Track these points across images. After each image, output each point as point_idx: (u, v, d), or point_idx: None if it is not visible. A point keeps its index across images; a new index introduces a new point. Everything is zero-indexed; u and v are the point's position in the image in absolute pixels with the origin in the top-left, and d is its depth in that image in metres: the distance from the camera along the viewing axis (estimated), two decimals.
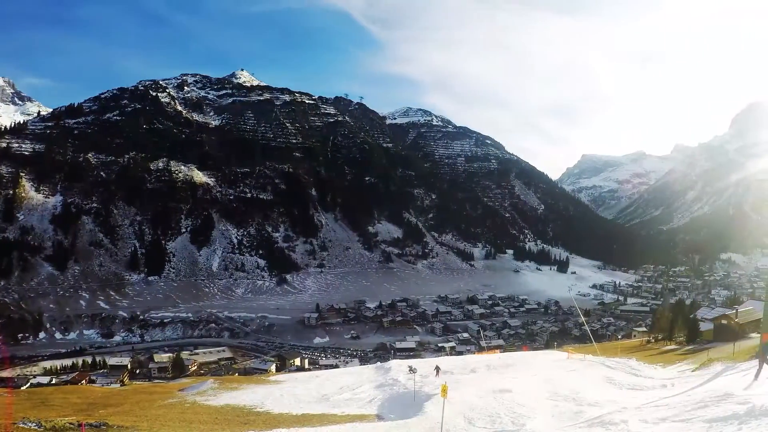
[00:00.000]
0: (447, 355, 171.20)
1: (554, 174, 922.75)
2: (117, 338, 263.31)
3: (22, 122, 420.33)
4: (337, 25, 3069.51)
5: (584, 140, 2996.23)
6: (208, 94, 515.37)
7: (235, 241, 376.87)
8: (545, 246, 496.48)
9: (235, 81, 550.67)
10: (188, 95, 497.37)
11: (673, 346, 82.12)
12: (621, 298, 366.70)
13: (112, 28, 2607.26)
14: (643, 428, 22.98)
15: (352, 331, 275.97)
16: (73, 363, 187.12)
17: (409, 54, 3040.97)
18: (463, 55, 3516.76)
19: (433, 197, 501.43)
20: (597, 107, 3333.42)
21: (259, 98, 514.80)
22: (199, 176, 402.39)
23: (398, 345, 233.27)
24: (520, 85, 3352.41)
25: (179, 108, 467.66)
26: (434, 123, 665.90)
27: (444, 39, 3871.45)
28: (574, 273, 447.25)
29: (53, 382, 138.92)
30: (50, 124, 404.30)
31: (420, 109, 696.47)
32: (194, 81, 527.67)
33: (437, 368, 58.20)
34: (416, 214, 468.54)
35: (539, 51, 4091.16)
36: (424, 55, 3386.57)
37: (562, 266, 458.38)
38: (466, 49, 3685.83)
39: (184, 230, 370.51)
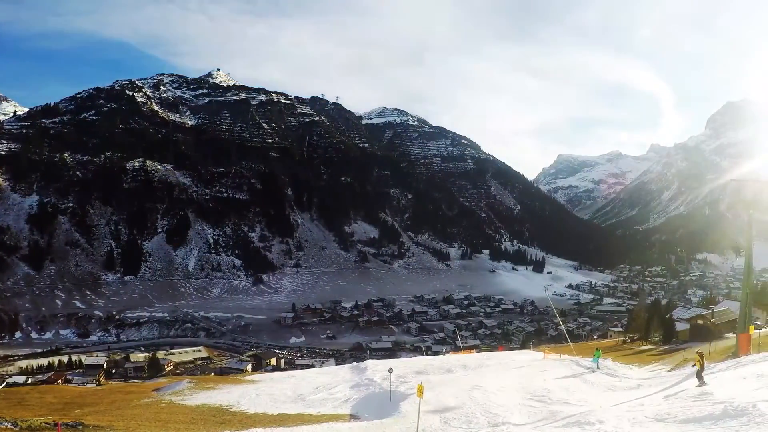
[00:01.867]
0: (423, 354, 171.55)
1: (530, 174, 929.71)
2: (93, 338, 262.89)
3: None
4: (130, 52, 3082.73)
5: (559, 140, 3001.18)
6: (185, 93, 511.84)
7: (211, 240, 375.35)
8: (521, 246, 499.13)
9: (211, 81, 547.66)
10: (164, 95, 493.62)
11: (648, 347, 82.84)
12: (597, 298, 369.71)
13: None
14: (618, 428, 23.08)
15: (328, 331, 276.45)
16: (49, 362, 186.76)
17: (207, 67, 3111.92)
18: (261, 67, 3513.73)
19: (409, 197, 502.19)
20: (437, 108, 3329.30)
21: (235, 98, 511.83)
22: (175, 176, 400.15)
23: (374, 345, 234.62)
24: (353, 90, 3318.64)
25: (155, 108, 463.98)
26: (410, 123, 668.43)
27: (223, 53, 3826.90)
28: (550, 273, 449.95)
29: (29, 381, 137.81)
30: (26, 123, 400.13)
31: (396, 109, 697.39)
32: (170, 81, 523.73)
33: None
34: (392, 214, 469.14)
35: (328, 53, 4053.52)
36: (231, 69, 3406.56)
37: (538, 266, 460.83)
38: (251, 61, 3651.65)
39: (160, 230, 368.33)
